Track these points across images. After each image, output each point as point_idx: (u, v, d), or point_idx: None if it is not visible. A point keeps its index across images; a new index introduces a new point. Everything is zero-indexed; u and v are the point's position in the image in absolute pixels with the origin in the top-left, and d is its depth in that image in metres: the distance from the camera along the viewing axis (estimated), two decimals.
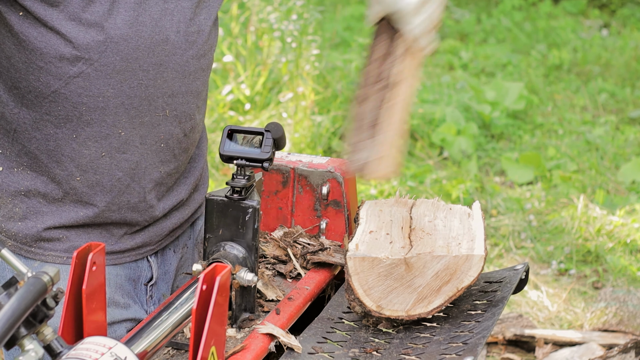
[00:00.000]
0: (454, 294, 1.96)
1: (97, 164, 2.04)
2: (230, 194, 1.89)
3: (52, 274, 1.43)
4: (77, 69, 1.96)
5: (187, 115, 2.12)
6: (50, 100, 1.99)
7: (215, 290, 1.54)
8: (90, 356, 1.44)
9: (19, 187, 2.06)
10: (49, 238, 2.08)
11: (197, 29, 2.09)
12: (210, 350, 1.54)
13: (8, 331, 1.34)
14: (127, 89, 2.01)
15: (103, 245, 1.61)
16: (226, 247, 1.88)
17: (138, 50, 1.99)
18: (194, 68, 2.10)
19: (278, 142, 1.90)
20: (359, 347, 1.93)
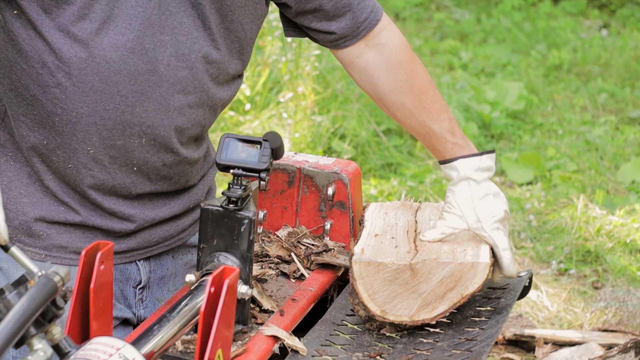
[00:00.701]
0: (458, 301, 1.96)
1: (66, 172, 2.05)
2: (225, 204, 1.84)
3: (63, 274, 1.44)
4: (56, 79, 1.96)
5: (166, 148, 2.08)
6: (28, 104, 2.00)
7: (224, 292, 1.54)
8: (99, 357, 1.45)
9: (2, 178, 2.07)
10: (30, 233, 2.08)
11: (189, 65, 2.05)
12: (217, 352, 1.55)
13: (18, 331, 1.35)
14: (102, 111, 1.99)
15: (111, 244, 1.61)
16: (220, 258, 1.84)
17: (119, 75, 1.97)
18: (179, 104, 2.06)
19: (276, 152, 1.85)
20: (363, 351, 1.93)
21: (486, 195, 2.17)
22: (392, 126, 6.15)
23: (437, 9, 9.95)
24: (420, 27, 9.44)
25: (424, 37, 9.04)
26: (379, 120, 6.14)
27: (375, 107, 6.21)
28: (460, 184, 2.18)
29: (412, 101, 2.27)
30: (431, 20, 9.63)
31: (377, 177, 5.64)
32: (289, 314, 2.02)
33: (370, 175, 5.71)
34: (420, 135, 2.30)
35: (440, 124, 2.26)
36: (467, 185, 2.18)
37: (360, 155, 5.86)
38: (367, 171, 5.77)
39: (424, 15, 9.76)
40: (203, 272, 1.81)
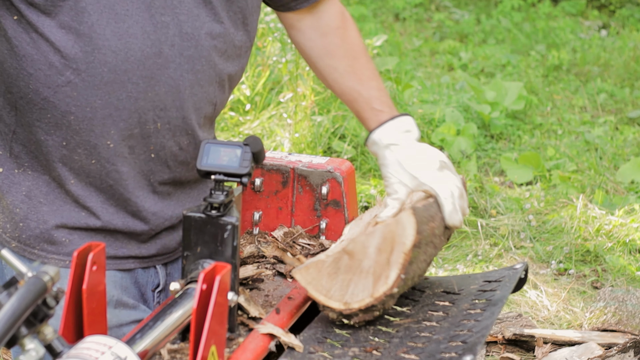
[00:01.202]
0: (404, 260, 1.94)
1: (89, 170, 2.04)
2: (208, 210, 1.81)
3: (53, 274, 1.43)
4: (65, 78, 1.96)
5: (182, 130, 2.10)
6: (40, 107, 1.99)
7: (215, 289, 1.54)
8: (91, 355, 1.45)
9: (20, 188, 2.07)
10: (52, 240, 2.08)
11: (195, 44, 2.06)
12: (210, 349, 1.54)
13: (8, 330, 1.35)
14: (115, 101, 1.99)
15: (103, 245, 1.61)
16: (204, 265, 1.81)
17: (127, 63, 1.98)
18: (189, 83, 2.07)
19: (257, 156, 1.82)
20: (359, 346, 1.93)
21: (412, 153, 2.16)
22: None
23: (436, 10, 9.95)
24: (420, 27, 9.45)
25: (424, 37, 9.04)
26: None
27: None
28: (385, 153, 2.19)
29: (343, 66, 2.30)
30: (431, 20, 9.64)
31: (377, 177, 5.64)
32: (285, 312, 2.02)
33: (370, 176, 5.70)
34: (349, 102, 2.31)
35: (369, 91, 2.27)
36: (390, 151, 2.18)
37: (360, 155, 5.86)
38: (367, 171, 5.77)
39: (424, 16, 9.77)
40: (188, 280, 1.78)
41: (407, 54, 8.39)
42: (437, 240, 2.07)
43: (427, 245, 2.01)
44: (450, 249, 5.02)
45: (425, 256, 2.03)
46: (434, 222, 2.06)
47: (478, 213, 5.37)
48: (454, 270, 4.78)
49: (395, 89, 6.40)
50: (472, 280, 2.20)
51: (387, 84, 6.52)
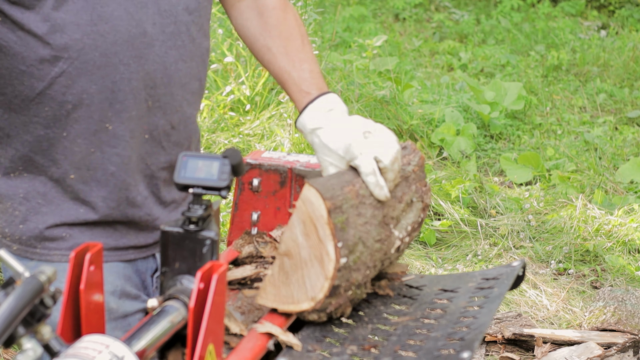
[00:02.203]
0: (331, 229, 1.93)
1: (90, 160, 2.05)
2: (186, 225, 1.75)
3: (50, 273, 1.43)
4: (58, 69, 1.97)
5: (172, 107, 2.12)
6: (37, 102, 2.00)
7: (213, 287, 1.54)
8: (88, 354, 1.45)
9: (17, 191, 2.07)
10: (53, 237, 2.09)
11: (174, 20, 2.09)
12: (208, 348, 1.55)
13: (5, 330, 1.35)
14: (110, 84, 2.01)
15: (101, 246, 1.61)
16: (183, 281, 1.75)
17: (116, 45, 2.00)
18: (173, 59, 2.09)
19: (236, 168, 1.76)
20: (357, 344, 1.94)
21: (335, 132, 2.12)
22: (392, 126, 6.16)
23: (436, 10, 9.96)
24: (420, 27, 9.45)
25: (424, 37, 9.05)
26: (379, 120, 6.15)
27: (375, 108, 6.21)
28: (312, 139, 2.16)
29: (277, 46, 2.29)
30: (431, 21, 9.64)
31: None
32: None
33: None
34: (281, 83, 2.29)
35: (300, 73, 2.25)
36: (316, 136, 2.15)
37: None
38: None
39: (424, 16, 9.77)
40: (166, 297, 1.71)
41: (407, 54, 8.39)
42: (368, 200, 2.03)
43: (356, 207, 1.98)
44: (450, 249, 5.03)
45: (366, 218, 1.99)
46: (353, 185, 2.02)
47: (478, 213, 5.37)
48: (454, 270, 4.79)
49: (395, 89, 6.40)
50: (470, 278, 2.21)
51: (387, 84, 6.53)
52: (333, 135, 2.11)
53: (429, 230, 5.09)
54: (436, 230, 5.16)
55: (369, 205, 2.01)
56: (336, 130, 2.12)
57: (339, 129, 2.12)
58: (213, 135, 5.91)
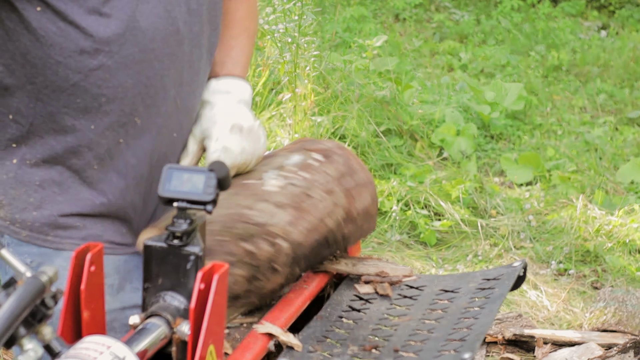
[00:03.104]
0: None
1: (114, 151, 2.06)
2: (170, 240, 1.69)
3: (51, 274, 1.43)
4: (97, 61, 1.97)
5: (193, 107, 2.16)
6: (69, 94, 2.00)
7: (213, 289, 1.54)
8: (89, 355, 1.45)
9: (34, 179, 2.07)
10: (66, 225, 2.09)
11: (199, 19, 2.12)
12: (208, 349, 1.54)
13: (6, 330, 1.35)
14: (144, 79, 2.03)
15: (101, 246, 1.61)
16: (166, 298, 1.69)
17: (154, 42, 2.02)
18: (196, 57, 2.13)
19: (222, 182, 1.70)
20: (358, 345, 1.94)
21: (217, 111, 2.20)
22: (392, 127, 6.16)
23: (436, 10, 9.96)
24: (420, 28, 9.45)
25: (424, 38, 9.05)
26: (379, 120, 6.15)
27: (375, 108, 6.21)
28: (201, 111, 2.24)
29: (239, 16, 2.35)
30: (431, 21, 9.64)
31: (377, 178, 5.64)
32: (284, 312, 2.02)
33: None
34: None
35: (222, 57, 2.30)
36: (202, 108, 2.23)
37: (360, 155, 5.86)
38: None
39: (424, 16, 9.77)
40: (148, 314, 1.67)
41: (407, 55, 8.39)
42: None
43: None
44: (451, 249, 5.03)
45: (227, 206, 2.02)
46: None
47: (478, 213, 5.37)
48: (454, 270, 4.79)
49: (395, 90, 6.40)
50: (471, 279, 2.21)
51: (387, 84, 6.53)
52: (212, 115, 2.19)
53: (429, 230, 5.09)
54: (436, 230, 5.16)
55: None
56: (218, 112, 2.20)
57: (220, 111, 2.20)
58: None
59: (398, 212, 5.19)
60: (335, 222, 2.10)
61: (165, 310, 1.65)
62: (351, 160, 2.21)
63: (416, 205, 5.29)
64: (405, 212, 5.23)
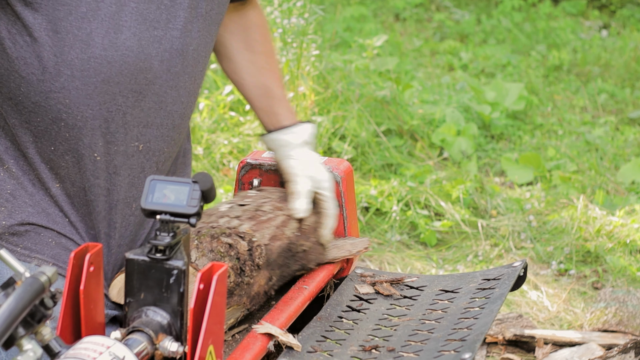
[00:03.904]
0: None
1: (74, 179, 2.01)
2: (152, 253, 1.65)
3: (50, 274, 1.43)
4: (59, 84, 1.93)
5: (159, 150, 2.08)
6: (30, 111, 1.96)
7: (213, 289, 1.54)
8: (89, 355, 1.44)
9: (5, 186, 2.03)
10: (38, 240, 2.05)
11: (182, 60, 2.04)
12: (208, 349, 1.54)
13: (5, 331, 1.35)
14: (105, 113, 1.97)
15: (100, 246, 1.61)
16: (148, 313, 1.65)
17: (120, 75, 1.95)
18: (171, 99, 2.05)
19: (206, 194, 1.66)
20: (358, 345, 1.94)
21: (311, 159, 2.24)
22: (392, 127, 6.15)
23: (437, 10, 9.95)
24: (421, 27, 9.44)
25: (424, 37, 9.04)
26: (379, 120, 6.14)
27: (375, 108, 6.21)
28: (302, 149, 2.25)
29: (261, 61, 2.33)
30: (431, 20, 9.63)
31: (377, 178, 5.64)
32: (284, 312, 2.02)
33: (370, 176, 5.70)
34: (259, 96, 2.33)
35: (282, 91, 2.32)
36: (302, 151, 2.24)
37: (361, 155, 5.85)
38: (367, 172, 5.77)
39: (424, 16, 9.76)
40: (129, 330, 1.64)
41: (408, 54, 8.39)
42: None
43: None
44: (451, 250, 5.02)
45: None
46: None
47: (478, 213, 5.37)
48: (455, 270, 4.78)
49: (395, 89, 6.40)
50: (471, 279, 2.21)
51: (388, 84, 6.52)
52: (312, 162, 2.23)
53: (429, 231, 5.09)
54: (437, 230, 5.15)
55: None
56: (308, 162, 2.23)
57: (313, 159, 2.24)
58: (213, 135, 5.90)
59: (398, 213, 5.18)
60: (292, 233, 2.13)
61: (147, 325, 1.62)
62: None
63: (416, 206, 5.29)
64: (406, 213, 5.22)
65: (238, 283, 1.96)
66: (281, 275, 2.10)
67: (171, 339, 1.63)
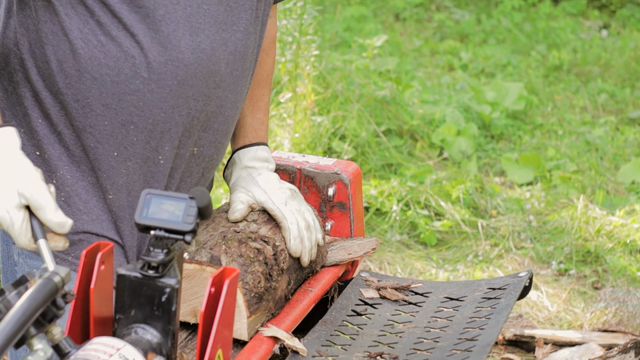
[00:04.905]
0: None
1: (132, 187, 1.98)
2: (144, 270, 1.59)
3: (63, 275, 1.43)
4: (133, 86, 1.89)
5: (209, 156, 2.06)
6: (98, 114, 1.92)
7: (224, 293, 1.54)
8: (99, 357, 1.45)
9: (60, 194, 1.99)
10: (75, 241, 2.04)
11: (242, 64, 2.01)
12: (217, 352, 1.55)
13: (19, 331, 1.35)
14: (177, 116, 1.93)
15: (111, 245, 1.61)
16: (138, 331, 1.60)
17: (194, 78, 1.92)
18: (230, 104, 2.03)
19: (203, 211, 1.60)
20: (363, 351, 1.93)
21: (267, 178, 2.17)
22: (392, 127, 6.16)
23: (437, 10, 9.95)
24: (421, 27, 9.44)
25: (424, 37, 9.04)
26: (379, 120, 6.14)
27: (375, 108, 6.21)
28: (242, 173, 2.20)
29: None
30: (431, 20, 9.63)
31: (377, 178, 5.64)
32: (289, 315, 2.02)
33: (370, 176, 5.71)
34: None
35: (252, 121, 2.26)
36: (247, 172, 2.18)
37: (361, 155, 5.86)
38: (367, 172, 5.77)
39: (424, 16, 9.76)
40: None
41: (408, 54, 8.39)
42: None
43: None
44: (451, 250, 5.03)
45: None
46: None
47: (478, 213, 5.37)
48: (454, 270, 4.78)
49: (395, 89, 6.40)
50: (476, 287, 2.20)
51: (388, 84, 6.52)
52: (265, 180, 2.15)
53: (429, 231, 5.09)
54: (437, 230, 5.16)
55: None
56: (268, 178, 2.16)
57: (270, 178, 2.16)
58: None
59: (398, 213, 5.19)
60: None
61: (136, 344, 1.58)
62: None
63: (416, 206, 5.29)
64: (406, 213, 5.23)
65: (267, 288, 1.96)
66: (296, 279, 2.11)
67: (161, 358, 1.60)
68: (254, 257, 1.97)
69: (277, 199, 2.10)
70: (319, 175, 2.33)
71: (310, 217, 2.11)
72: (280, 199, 2.09)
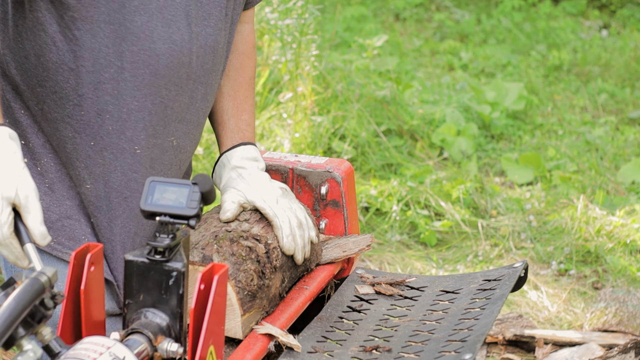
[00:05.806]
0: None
1: (109, 177, 2.02)
2: (151, 255, 1.65)
3: (50, 275, 1.43)
4: (108, 75, 1.94)
5: (184, 148, 2.10)
6: (75, 104, 1.97)
7: (213, 290, 1.54)
8: (89, 356, 1.44)
9: (43, 180, 2.03)
10: (72, 236, 2.06)
11: (213, 59, 2.07)
12: (208, 349, 1.54)
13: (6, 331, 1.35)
14: (150, 105, 1.99)
15: (101, 246, 1.61)
16: (147, 315, 1.65)
17: (166, 68, 1.98)
18: (200, 96, 2.08)
19: (206, 196, 1.66)
20: (359, 345, 1.93)
21: (257, 176, 2.17)
22: (392, 127, 6.15)
23: (437, 10, 9.95)
24: (421, 27, 9.44)
25: (424, 37, 9.04)
26: (379, 120, 6.14)
27: (375, 108, 6.21)
28: (231, 173, 2.20)
29: (228, 88, 2.29)
30: (431, 20, 9.63)
31: (377, 178, 5.63)
32: (284, 313, 2.02)
33: (370, 176, 5.70)
34: (218, 121, 2.30)
35: (237, 122, 2.28)
36: (237, 173, 2.19)
37: (361, 155, 5.85)
38: (367, 172, 5.76)
39: (424, 16, 9.76)
40: (128, 331, 1.63)
41: (408, 54, 8.38)
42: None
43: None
44: (451, 250, 5.02)
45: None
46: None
47: (478, 213, 5.36)
48: (454, 270, 4.78)
49: (395, 89, 6.40)
50: (471, 279, 2.21)
51: (388, 84, 6.52)
52: (255, 179, 2.15)
53: (429, 231, 5.09)
54: (437, 231, 5.15)
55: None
56: (259, 177, 2.16)
57: (261, 179, 2.17)
58: (213, 135, 5.90)
59: (398, 213, 5.18)
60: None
61: (146, 327, 1.62)
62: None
63: (416, 206, 5.28)
64: (406, 213, 5.22)
65: (260, 286, 1.96)
66: (290, 277, 2.10)
67: (170, 340, 1.63)
68: (246, 256, 1.98)
69: (268, 197, 2.11)
70: (311, 174, 2.33)
71: (302, 214, 2.12)
72: (271, 197, 2.11)
